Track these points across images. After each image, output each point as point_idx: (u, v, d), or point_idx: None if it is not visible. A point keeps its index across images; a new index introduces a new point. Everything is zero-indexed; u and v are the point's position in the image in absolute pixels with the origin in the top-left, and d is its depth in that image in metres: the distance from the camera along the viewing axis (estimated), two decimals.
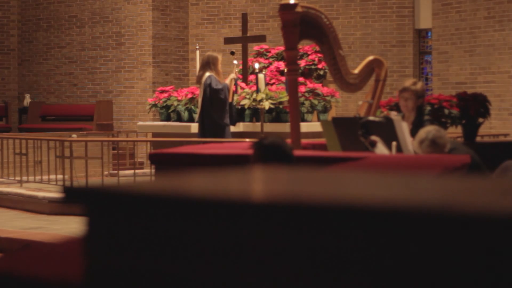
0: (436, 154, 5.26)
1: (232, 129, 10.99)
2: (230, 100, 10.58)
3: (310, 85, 11.23)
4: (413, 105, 6.26)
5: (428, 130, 5.34)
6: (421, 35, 15.25)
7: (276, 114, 10.93)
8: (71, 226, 8.81)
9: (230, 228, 1.72)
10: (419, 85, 6.33)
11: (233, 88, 10.74)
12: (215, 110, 10.39)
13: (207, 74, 10.36)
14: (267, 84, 11.03)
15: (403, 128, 5.73)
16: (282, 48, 11.28)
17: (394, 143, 5.63)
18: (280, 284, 1.67)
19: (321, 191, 1.91)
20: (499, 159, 5.78)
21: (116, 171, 11.60)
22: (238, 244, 1.71)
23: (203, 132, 10.36)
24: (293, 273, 1.66)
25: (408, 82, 6.36)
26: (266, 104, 10.58)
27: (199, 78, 10.48)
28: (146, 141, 12.78)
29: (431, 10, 14.77)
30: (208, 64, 10.42)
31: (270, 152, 4.22)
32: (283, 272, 1.67)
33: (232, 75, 10.80)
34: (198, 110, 10.58)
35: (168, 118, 11.60)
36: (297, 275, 1.65)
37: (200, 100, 10.42)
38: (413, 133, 5.78)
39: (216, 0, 16.42)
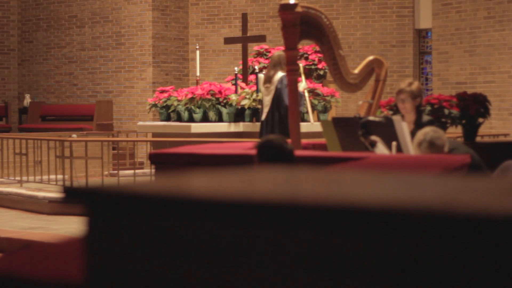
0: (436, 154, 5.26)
1: (232, 129, 10.98)
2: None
3: (310, 85, 11.23)
4: (410, 106, 6.26)
5: (426, 132, 5.31)
6: (421, 35, 15.25)
7: None
8: (71, 226, 8.80)
9: (230, 228, 1.72)
10: (415, 85, 6.32)
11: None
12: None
13: (281, 74, 10.05)
14: None
15: (403, 128, 5.73)
16: (282, 48, 11.28)
17: (394, 143, 5.63)
18: (280, 284, 1.67)
19: (321, 191, 1.91)
20: (499, 159, 5.78)
21: (116, 171, 11.60)
22: (238, 244, 1.71)
23: (271, 133, 10.05)
24: (293, 273, 1.66)
25: (403, 84, 6.35)
26: None
27: (270, 77, 10.15)
28: (146, 141, 12.78)
29: (431, 10, 14.77)
30: (280, 64, 10.15)
31: (268, 152, 4.22)
32: (283, 272, 1.67)
33: (304, 85, 10.25)
34: (265, 110, 10.23)
35: (168, 118, 11.59)
36: (297, 275, 1.65)
37: (269, 99, 10.09)
38: (414, 133, 5.78)
39: (216, 0, 16.42)
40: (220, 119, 11.12)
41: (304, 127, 8.83)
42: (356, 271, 1.60)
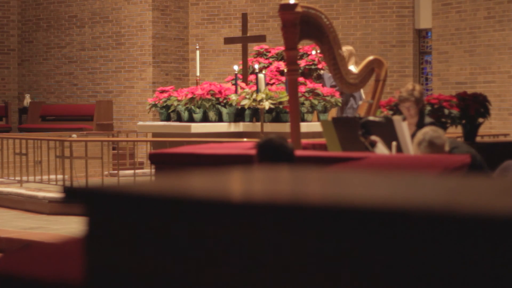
0: (436, 154, 5.25)
1: (232, 129, 10.98)
2: None
3: (310, 85, 11.23)
4: (415, 111, 6.28)
5: (425, 132, 5.30)
6: (421, 35, 15.25)
7: (276, 114, 10.93)
8: (71, 226, 8.80)
9: (230, 228, 1.72)
10: (417, 91, 6.31)
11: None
12: None
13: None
14: (267, 84, 11.03)
15: (403, 128, 5.73)
16: (282, 48, 11.28)
17: (394, 143, 5.63)
18: (280, 284, 1.67)
19: (321, 191, 1.91)
20: (499, 159, 5.78)
21: (116, 171, 11.59)
22: (238, 244, 1.71)
23: None
24: (293, 273, 1.66)
25: (405, 91, 6.34)
26: (266, 104, 10.57)
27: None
28: (146, 141, 12.79)
29: (431, 10, 14.76)
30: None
31: (268, 152, 4.22)
32: (283, 272, 1.67)
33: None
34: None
35: (168, 118, 11.59)
36: (297, 275, 1.65)
37: None
38: (415, 135, 5.78)
39: (216, 0, 16.42)
40: (220, 119, 11.13)
41: (304, 127, 8.84)
42: (356, 271, 1.60)
